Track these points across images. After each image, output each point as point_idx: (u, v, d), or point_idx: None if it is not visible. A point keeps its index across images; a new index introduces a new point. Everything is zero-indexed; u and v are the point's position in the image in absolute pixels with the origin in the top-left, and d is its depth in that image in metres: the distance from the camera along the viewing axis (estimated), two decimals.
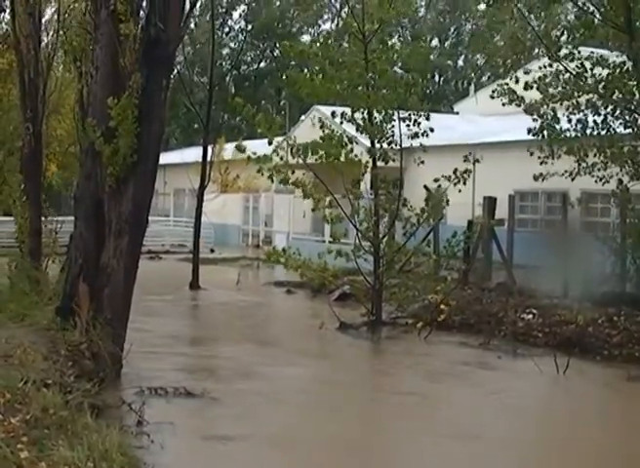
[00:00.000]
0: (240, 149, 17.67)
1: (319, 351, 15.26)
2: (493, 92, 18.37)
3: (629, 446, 9.92)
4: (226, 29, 72.36)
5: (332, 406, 11.33)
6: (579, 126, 17.47)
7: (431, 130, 16.99)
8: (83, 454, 7.18)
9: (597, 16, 16.86)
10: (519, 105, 18.08)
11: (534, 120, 17.85)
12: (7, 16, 19.45)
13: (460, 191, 16.91)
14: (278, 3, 71.01)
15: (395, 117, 17.26)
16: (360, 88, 17.68)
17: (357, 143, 17.63)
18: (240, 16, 72.93)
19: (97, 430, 7.93)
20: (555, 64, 17.33)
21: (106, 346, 11.13)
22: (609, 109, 17.03)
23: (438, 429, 10.22)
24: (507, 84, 18.17)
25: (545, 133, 17.81)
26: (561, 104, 17.67)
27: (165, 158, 26.11)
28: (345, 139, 17.17)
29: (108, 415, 9.35)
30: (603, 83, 16.76)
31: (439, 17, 72.19)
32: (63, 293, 12.30)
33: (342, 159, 16.98)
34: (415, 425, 10.42)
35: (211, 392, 11.07)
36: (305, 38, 67.54)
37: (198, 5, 55.68)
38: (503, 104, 18.49)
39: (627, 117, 16.88)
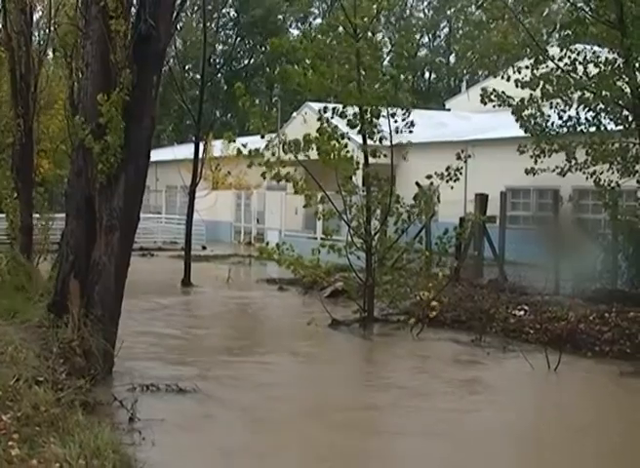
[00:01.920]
0: (229, 139, 17.58)
1: (310, 349, 15.23)
2: (481, 95, 18.39)
3: (623, 441, 9.93)
4: (218, 24, 72.21)
5: (322, 406, 11.33)
6: (569, 123, 17.50)
7: (412, 124, 17.03)
8: (74, 452, 7.18)
9: (589, 12, 16.87)
10: (509, 105, 18.10)
11: (521, 120, 17.87)
12: None
13: (452, 188, 16.93)
14: None
15: (385, 113, 17.24)
16: (351, 84, 17.66)
17: (349, 140, 17.63)
18: (234, 10, 72.84)
19: (88, 427, 7.93)
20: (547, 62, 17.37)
21: (98, 343, 11.11)
22: (600, 106, 17.07)
23: (434, 428, 10.25)
24: (493, 89, 18.20)
25: (534, 131, 17.84)
26: (551, 103, 17.70)
27: (157, 155, 26.13)
28: (337, 135, 17.15)
29: (100, 412, 9.35)
30: (594, 80, 16.79)
31: (429, 12, 72.30)
32: (55, 290, 12.27)
33: (335, 155, 16.93)
34: (409, 425, 10.42)
35: (202, 389, 11.07)
36: (295, 32, 67.69)
37: (188, 2, 55.80)
38: (494, 106, 18.53)
39: (619, 114, 16.92)
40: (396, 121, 17.12)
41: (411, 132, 17.16)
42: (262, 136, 16.99)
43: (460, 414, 10.75)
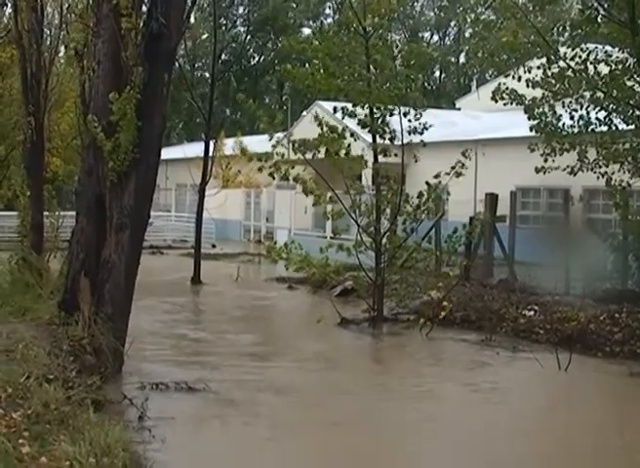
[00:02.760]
0: (243, 152, 17.55)
1: (321, 349, 15.21)
2: (493, 93, 18.35)
3: (633, 441, 9.90)
4: (227, 22, 72.30)
5: (332, 406, 11.32)
6: (581, 122, 17.45)
7: (427, 127, 17.00)
8: (85, 450, 7.18)
9: (600, 11, 16.80)
10: (520, 104, 18.06)
11: (533, 118, 17.83)
12: (9, 10, 19.45)
13: (459, 180, 16.86)
14: None
15: (396, 112, 17.23)
16: (361, 83, 17.66)
17: (359, 139, 17.59)
18: (243, 8, 72.87)
19: (98, 425, 7.93)
20: (558, 61, 17.32)
21: (108, 341, 11.13)
22: (611, 106, 17.01)
23: (444, 428, 10.24)
24: (505, 84, 18.16)
25: (546, 130, 17.78)
26: (563, 102, 17.65)
27: (167, 153, 26.15)
28: (347, 135, 17.14)
29: (110, 410, 9.35)
30: (605, 80, 16.73)
31: (439, 12, 72.23)
32: (65, 288, 12.30)
33: (342, 155, 16.91)
34: (419, 426, 10.41)
35: (212, 388, 11.07)
36: (306, 31, 67.70)
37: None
38: (505, 104, 18.49)
39: (630, 113, 16.85)
40: (410, 120, 17.10)
41: (423, 132, 17.14)
42: (271, 138, 17.01)
43: (471, 415, 10.71)
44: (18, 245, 18.71)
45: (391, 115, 17.28)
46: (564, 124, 17.64)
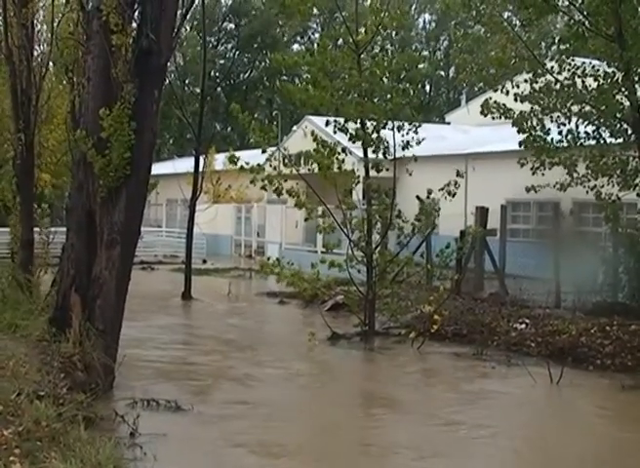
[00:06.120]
0: (233, 160, 17.54)
1: (311, 364, 15.18)
2: (482, 106, 18.43)
3: (627, 455, 9.91)
4: (217, 37, 72.45)
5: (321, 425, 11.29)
6: (569, 136, 17.52)
7: (420, 141, 17.06)
8: (76, 466, 7.16)
9: (587, 26, 16.89)
10: (509, 118, 18.13)
11: (522, 132, 17.91)
12: None
13: (452, 199, 16.92)
14: (265, 10, 70.88)
15: (388, 126, 17.27)
16: (352, 97, 17.69)
17: (350, 153, 17.64)
18: (232, 24, 73.02)
19: (89, 442, 7.90)
20: (546, 75, 17.41)
21: (99, 358, 11.09)
22: (599, 120, 17.09)
23: (437, 446, 10.21)
24: (491, 98, 18.23)
25: (535, 145, 17.86)
26: (551, 117, 17.73)
27: (157, 168, 26.15)
28: (338, 149, 17.17)
29: (101, 427, 9.30)
30: (593, 94, 16.82)
31: (429, 25, 72.56)
32: (56, 305, 12.26)
33: (335, 169, 16.95)
34: (414, 443, 10.40)
35: (203, 406, 11.03)
36: (295, 47, 67.80)
37: (189, 16, 55.96)
38: (493, 118, 18.57)
39: (618, 126, 16.93)
40: (403, 135, 17.11)
41: (419, 143, 17.18)
42: (264, 151, 17.00)
43: (468, 432, 10.69)
44: (8, 261, 18.65)
45: (384, 128, 17.30)
46: (552, 138, 17.72)
